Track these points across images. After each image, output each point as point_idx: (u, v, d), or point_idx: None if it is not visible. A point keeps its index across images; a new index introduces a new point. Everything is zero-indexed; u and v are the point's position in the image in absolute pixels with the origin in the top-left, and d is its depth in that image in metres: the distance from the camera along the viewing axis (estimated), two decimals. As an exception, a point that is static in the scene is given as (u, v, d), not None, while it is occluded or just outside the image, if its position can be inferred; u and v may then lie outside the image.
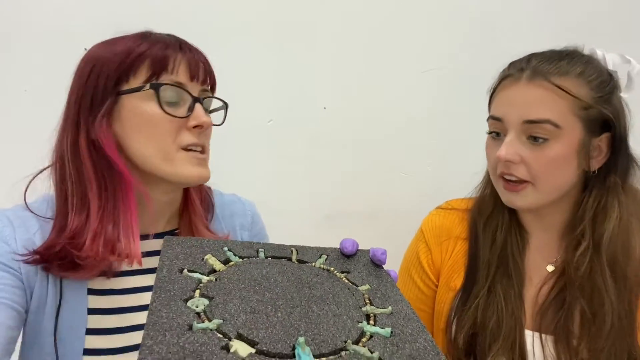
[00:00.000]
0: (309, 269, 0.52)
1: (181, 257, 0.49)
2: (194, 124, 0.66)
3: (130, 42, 0.65)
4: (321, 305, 0.45)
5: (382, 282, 0.52)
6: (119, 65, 0.63)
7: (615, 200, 0.74)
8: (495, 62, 0.88)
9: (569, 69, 0.72)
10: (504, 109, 0.76)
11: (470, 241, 0.87)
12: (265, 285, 0.46)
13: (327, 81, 1.22)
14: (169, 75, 0.64)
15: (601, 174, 0.76)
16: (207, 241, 0.53)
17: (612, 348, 0.72)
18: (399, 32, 1.22)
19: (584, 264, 0.74)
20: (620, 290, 0.73)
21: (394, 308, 0.47)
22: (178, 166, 0.65)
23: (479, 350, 0.80)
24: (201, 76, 0.67)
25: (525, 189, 0.75)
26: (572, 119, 0.72)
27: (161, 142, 0.64)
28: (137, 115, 0.64)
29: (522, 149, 0.73)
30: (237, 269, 0.49)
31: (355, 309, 0.46)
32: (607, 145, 0.75)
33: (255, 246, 0.55)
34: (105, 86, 0.64)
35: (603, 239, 0.74)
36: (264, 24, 1.18)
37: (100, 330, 0.65)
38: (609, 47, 0.78)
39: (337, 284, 0.50)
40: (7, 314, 0.59)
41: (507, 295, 0.79)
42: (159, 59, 0.64)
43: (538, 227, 0.83)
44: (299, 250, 0.56)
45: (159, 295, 0.41)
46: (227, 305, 0.42)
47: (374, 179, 1.27)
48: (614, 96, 0.75)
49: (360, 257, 0.56)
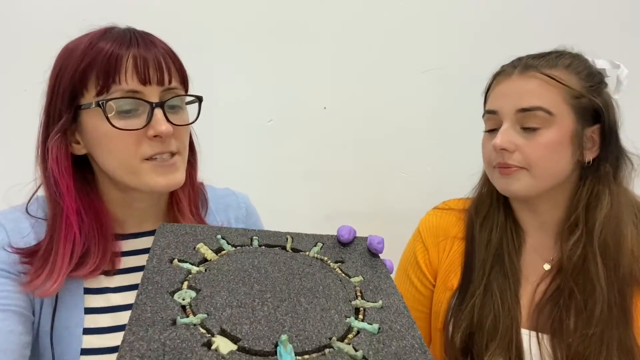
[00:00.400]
0: (302, 258, 0.51)
1: (173, 245, 0.48)
2: (152, 134, 0.62)
3: (84, 45, 0.61)
4: (310, 298, 0.44)
5: (376, 272, 0.51)
6: (72, 77, 0.61)
7: (606, 189, 0.77)
8: (495, 62, 0.88)
9: (558, 61, 0.76)
10: (498, 102, 0.79)
11: (467, 240, 0.87)
12: (255, 276, 0.46)
13: (327, 81, 1.22)
14: (118, 85, 0.60)
15: (594, 165, 0.78)
16: (201, 228, 0.52)
17: (601, 335, 0.73)
18: (399, 32, 1.22)
19: (577, 252, 0.76)
20: (611, 278, 0.75)
21: (385, 302, 0.46)
22: (143, 177, 0.63)
23: (476, 350, 0.80)
24: (154, 78, 0.62)
25: (518, 172, 0.76)
26: (563, 107, 0.74)
27: (121, 157, 0.62)
28: (94, 132, 0.62)
29: (516, 137, 0.75)
30: (228, 259, 0.48)
31: (345, 302, 0.45)
32: (599, 137, 0.77)
33: (250, 233, 0.54)
34: (63, 100, 0.62)
35: (595, 226, 0.76)
36: (264, 24, 1.18)
37: (97, 330, 0.65)
38: (610, 47, 0.79)
39: (329, 275, 0.49)
40: (17, 320, 0.59)
41: (504, 294, 0.80)
42: (105, 70, 0.60)
43: (534, 226, 0.84)
44: (294, 237, 0.55)
45: (145, 287, 0.41)
46: (213, 298, 0.41)
47: (374, 179, 1.26)
48: (603, 90, 0.78)
49: (357, 245, 0.56)
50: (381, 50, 1.22)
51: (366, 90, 1.23)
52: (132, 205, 0.70)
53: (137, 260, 0.70)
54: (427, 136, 1.26)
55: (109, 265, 0.67)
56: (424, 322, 0.93)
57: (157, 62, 0.62)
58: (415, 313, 0.93)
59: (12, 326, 0.58)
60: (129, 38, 0.62)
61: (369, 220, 1.24)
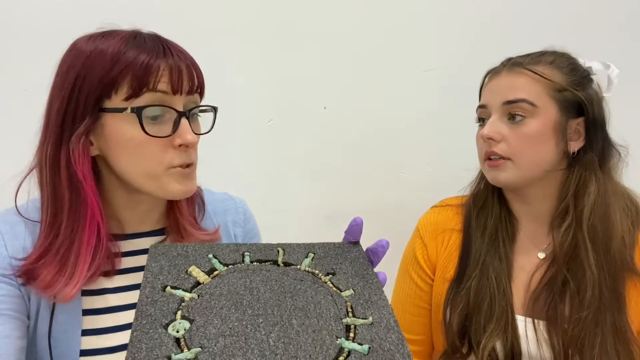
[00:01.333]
0: (294, 273, 0.52)
1: (165, 270, 0.49)
2: (179, 142, 0.63)
3: (113, 49, 0.61)
4: (302, 319, 0.45)
5: (367, 284, 0.52)
6: (100, 80, 0.60)
7: (592, 175, 0.81)
8: (495, 62, 0.88)
9: (542, 58, 0.83)
10: (487, 97, 0.86)
11: (464, 229, 0.91)
12: (247, 299, 0.47)
13: (327, 81, 1.22)
14: (151, 91, 0.61)
15: (580, 155, 0.82)
16: (192, 248, 0.53)
17: (595, 317, 0.76)
18: (399, 31, 1.22)
19: (568, 239, 0.80)
20: (601, 262, 0.78)
21: (375, 317, 0.47)
22: (164, 184, 0.64)
23: (473, 332, 0.83)
24: (186, 87, 0.64)
25: (505, 164, 0.82)
26: (547, 100, 0.80)
27: (146, 164, 0.63)
28: (119, 136, 0.62)
29: (502, 127, 0.81)
30: (220, 281, 0.49)
31: (336, 320, 0.46)
32: (584, 129, 0.82)
33: (242, 249, 0.54)
34: (87, 102, 0.61)
35: (584, 212, 0.80)
36: (264, 24, 1.18)
37: (97, 330, 0.65)
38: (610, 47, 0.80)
39: (321, 291, 0.49)
40: (13, 325, 0.59)
41: (499, 278, 0.84)
42: (140, 76, 0.60)
43: (527, 217, 0.88)
44: (285, 249, 0.55)
45: (140, 322, 0.42)
46: (206, 328, 0.42)
47: (374, 179, 1.27)
48: (587, 84, 0.82)
49: (348, 252, 0.56)
50: (381, 50, 1.22)
51: (366, 90, 1.23)
52: (135, 207, 0.70)
53: (137, 260, 0.70)
54: (427, 136, 1.26)
55: (109, 265, 0.67)
56: (425, 317, 0.94)
57: (189, 71, 0.64)
58: (416, 309, 0.95)
59: (8, 331, 0.58)
60: (162, 47, 0.63)
61: (369, 220, 1.24)
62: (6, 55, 1.09)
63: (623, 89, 0.84)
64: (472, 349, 0.83)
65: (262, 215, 0.89)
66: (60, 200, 0.63)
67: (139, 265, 0.69)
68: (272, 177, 1.24)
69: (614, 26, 1.25)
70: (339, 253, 0.56)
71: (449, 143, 1.25)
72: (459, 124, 1.22)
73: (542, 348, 0.80)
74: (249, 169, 1.21)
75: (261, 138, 1.22)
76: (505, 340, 0.80)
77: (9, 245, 0.63)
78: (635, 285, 0.80)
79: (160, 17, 1.11)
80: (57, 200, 0.63)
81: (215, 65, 0.70)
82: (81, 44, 0.63)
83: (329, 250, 0.56)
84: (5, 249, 0.63)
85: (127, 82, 0.60)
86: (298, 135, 1.23)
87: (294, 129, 1.22)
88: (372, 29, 1.21)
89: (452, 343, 0.85)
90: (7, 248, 0.63)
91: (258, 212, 0.89)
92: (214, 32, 1.15)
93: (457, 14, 1.22)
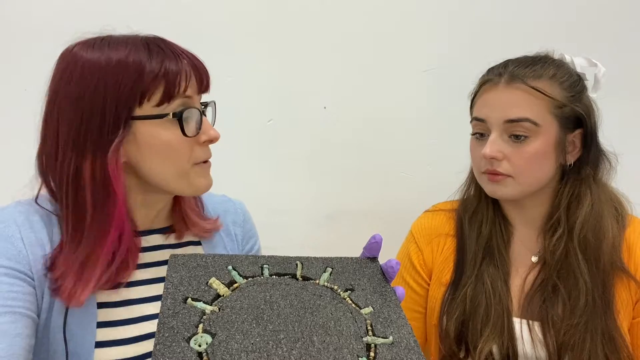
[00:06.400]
0: (313, 287, 0.52)
1: (185, 282, 0.49)
2: (205, 139, 0.67)
3: (134, 59, 0.61)
4: (322, 336, 0.45)
5: (385, 302, 0.51)
6: (131, 90, 0.61)
7: (587, 190, 0.82)
8: (495, 62, 0.88)
9: (543, 72, 0.80)
10: (486, 111, 0.82)
11: (458, 236, 0.91)
12: (268, 313, 0.46)
13: (327, 81, 1.22)
14: (181, 96, 0.64)
15: (575, 167, 0.83)
16: (212, 259, 0.53)
17: (586, 325, 0.77)
18: (399, 31, 1.22)
19: (560, 249, 0.81)
20: (592, 271, 0.79)
21: (395, 336, 0.46)
22: (192, 180, 0.67)
23: (470, 337, 0.84)
24: (207, 87, 0.68)
25: (505, 180, 0.81)
26: (548, 118, 0.79)
27: (179, 163, 0.66)
28: (155, 142, 0.64)
29: (504, 146, 0.80)
30: (240, 294, 0.49)
31: (357, 339, 0.45)
32: (580, 141, 0.82)
33: (260, 261, 0.54)
34: (117, 113, 0.61)
35: (576, 225, 0.81)
36: (264, 24, 1.18)
37: (111, 323, 0.66)
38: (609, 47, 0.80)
39: (340, 307, 0.49)
40: (24, 323, 0.59)
41: (495, 283, 0.84)
42: (172, 82, 0.62)
43: (521, 221, 0.89)
44: (304, 263, 0.55)
45: (162, 334, 0.42)
46: (229, 343, 0.42)
47: (374, 179, 1.26)
48: (583, 95, 0.82)
49: (365, 267, 0.56)
50: (381, 49, 1.22)
51: (366, 90, 1.23)
52: (152, 206, 0.72)
53: (150, 256, 0.72)
54: (427, 136, 1.26)
55: (125, 273, 0.67)
56: (419, 322, 0.95)
57: (204, 71, 0.68)
58: (411, 314, 0.95)
59: (20, 329, 0.58)
60: (179, 51, 0.66)
61: (369, 220, 1.24)
62: (6, 55, 1.09)
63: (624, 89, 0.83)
64: (469, 352, 0.84)
65: (262, 215, 0.89)
66: (83, 215, 0.63)
67: (153, 261, 0.72)
68: (272, 176, 1.24)
69: (615, 25, 1.25)
70: (357, 268, 0.56)
71: (449, 143, 1.25)
72: (459, 123, 1.22)
73: (537, 348, 0.81)
74: (249, 168, 1.21)
75: (261, 138, 1.22)
76: (501, 344, 0.81)
77: (25, 237, 0.63)
78: (623, 282, 0.81)
79: (160, 18, 1.11)
80: (79, 216, 0.63)
81: (215, 65, 0.71)
82: (85, 54, 0.63)
83: (347, 265, 0.56)
84: (21, 241, 0.62)
85: (160, 90, 0.62)
86: (298, 135, 1.23)
87: (294, 129, 1.22)
88: (372, 29, 1.21)
89: (449, 349, 0.86)
90: (24, 239, 0.63)
91: (258, 212, 0.89)
92: (214, 32, 1.15)
93: (457, 14, 1.22)
